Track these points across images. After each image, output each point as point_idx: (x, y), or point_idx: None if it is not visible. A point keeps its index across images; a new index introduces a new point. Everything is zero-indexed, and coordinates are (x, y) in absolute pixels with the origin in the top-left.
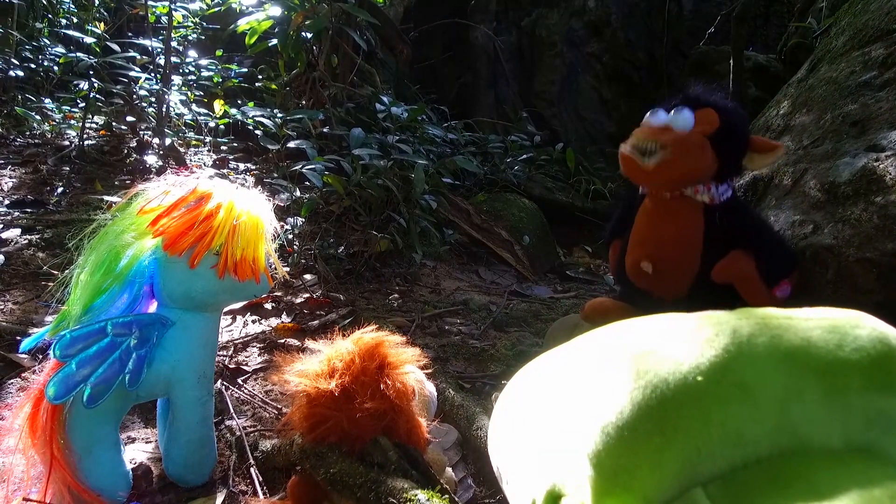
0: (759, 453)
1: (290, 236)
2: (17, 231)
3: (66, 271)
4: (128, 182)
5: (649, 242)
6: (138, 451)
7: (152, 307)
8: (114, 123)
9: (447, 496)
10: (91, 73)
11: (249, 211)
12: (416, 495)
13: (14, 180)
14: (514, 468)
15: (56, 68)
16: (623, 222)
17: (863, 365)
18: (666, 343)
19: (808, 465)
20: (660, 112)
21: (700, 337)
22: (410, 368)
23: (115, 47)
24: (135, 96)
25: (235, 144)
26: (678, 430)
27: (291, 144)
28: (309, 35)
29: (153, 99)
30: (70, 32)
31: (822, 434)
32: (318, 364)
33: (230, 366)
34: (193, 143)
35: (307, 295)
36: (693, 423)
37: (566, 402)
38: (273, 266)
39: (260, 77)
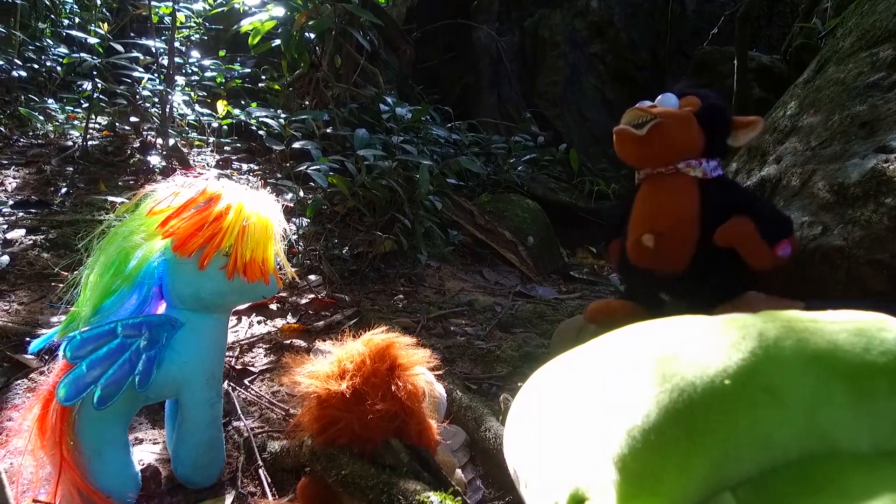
0: (788, 457)
1: (295, 237)
2: (22, 232)
3: (76, 272)
4: (131, 182)
5: (649, 217)
6: (146, 452)
7: (161, 308)
8: (117, 124)
9: (459, 498)
10: (94, 73)
11: (259, 212)
12: (428, 497)
13: (18, 181)
14: (533, 471)
15: (59, 69)
16: (621, 224)
17: (890, 368)
18: (690, 347)
19: (839, 470)
20: (645, 102)
21: (726, 340)
22: (421, 370)
23: (119, 48)
24: (138, 97)
25: (239, 145)
26: (706, 434)
27: (296, 145)
28: (312, 35)
29: (156, 99)
30: (73, 33)
31: (850, 438)
32: (328, 365)
33: (237, 367)
34: (197, 143)
35: (312, 296)
36: (721, 426)
37: (587, 406)
38: (282, 267)
39: (263, 77)
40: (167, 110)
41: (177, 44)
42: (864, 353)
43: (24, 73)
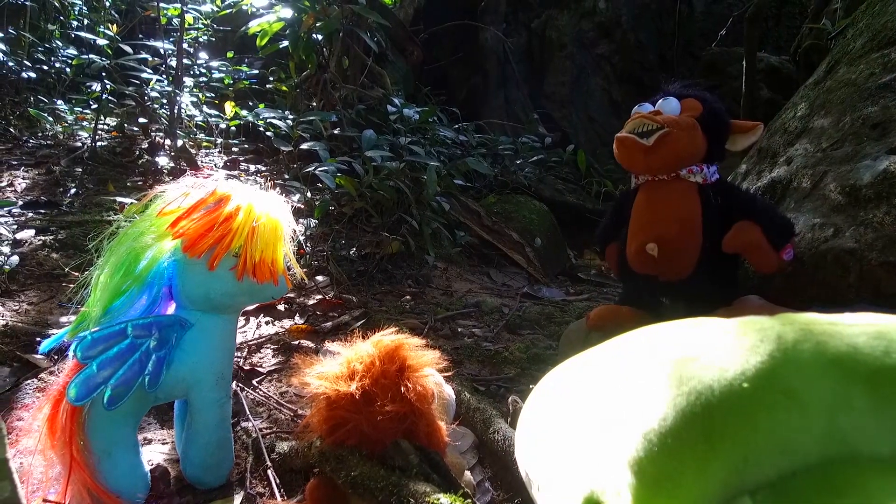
0: (809, 462)
1: (303, 238)
2: (31, 232)
3: (86, 272)
4: (140, 183)
5: (652, 225)
6: (155, 452)
7: (171, 309)
8: (126, 125)
9: (469, 500)
10: (103, 74)
11: (269, 213)
12: (438, 499)
13: (27, 181)
14: (547, 475)
15: (68, 70)
16: (615, 225)
17: None
18: (707, 350)
19: (860, 474)
20: (646, 104)
21: (744, 343)
22: (430, 371)
23: (127, 49)
24: (146, 98)
25: (246, 146)
26: (724, 438)
27: (304, 146)
28: (320, 37)
29: (165, 100)
30: (82, 34)
31: (871, 442)
32: (337, 366)
33: (245, 367)
34: (204, 144)
35: (320, 296)
36: (740, 430)
37: (602, 409)
38: (291, 268)
39: (271, 79)
40: (175, 111)
41: (185, 45)
42: (885, 356)
43: (33, 75)
